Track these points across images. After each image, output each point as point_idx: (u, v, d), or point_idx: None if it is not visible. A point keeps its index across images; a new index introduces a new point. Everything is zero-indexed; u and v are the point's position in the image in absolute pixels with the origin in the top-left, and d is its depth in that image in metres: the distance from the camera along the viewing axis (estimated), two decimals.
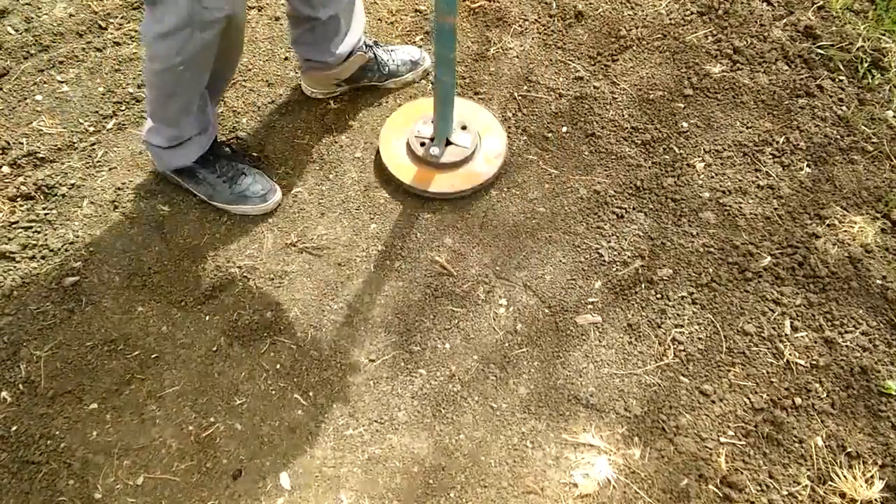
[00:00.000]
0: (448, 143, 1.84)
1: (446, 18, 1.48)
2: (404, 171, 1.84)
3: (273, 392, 1.58)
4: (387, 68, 1.98)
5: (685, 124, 1.95)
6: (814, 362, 1.57)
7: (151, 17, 1.44)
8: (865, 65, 2.00)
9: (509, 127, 1.98)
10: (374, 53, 1.94)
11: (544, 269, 1.74)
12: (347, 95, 2.03)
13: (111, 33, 2.19)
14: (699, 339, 1.62)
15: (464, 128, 1.86)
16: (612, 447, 1.49)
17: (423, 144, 1.84)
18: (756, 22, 2.10)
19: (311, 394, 1.58)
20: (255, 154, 1.93)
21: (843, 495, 1.41)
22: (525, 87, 2.05)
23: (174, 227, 1.81)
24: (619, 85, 2.03)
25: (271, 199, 1.80)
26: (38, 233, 1.79)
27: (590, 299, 1.69)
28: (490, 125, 1.92)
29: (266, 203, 1.80)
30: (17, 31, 2.17)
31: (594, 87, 2.03)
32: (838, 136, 1.89)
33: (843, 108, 1.94)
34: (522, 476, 1.46)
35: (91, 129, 1.98)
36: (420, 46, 2.11)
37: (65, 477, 1.47)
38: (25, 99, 2.03)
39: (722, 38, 2.09)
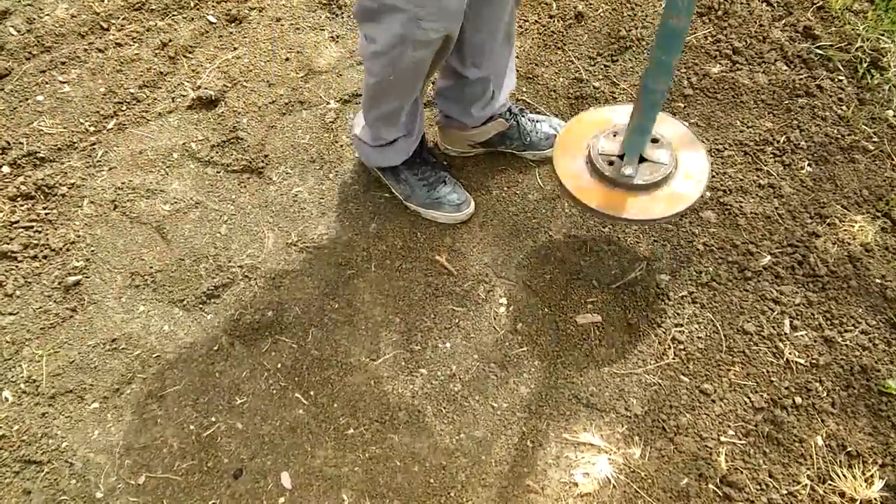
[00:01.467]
0: (641, 159, 1.54)
1: (674, 18, 1.25)
2: (589, 194, 1.54)
3: (274, 391, 1.58)
4: (528, 139, 1.85)
5: (686, 124, 1.95)
6: (814, 361, 1.57)
7: (365, 36, 1.40)
8: (865, 65, 2.00)
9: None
10: (517, 121, 1.83)
11: (544, 268, 1.74)
12: None
13: (113, 34, 2.20)
14: (699, 338, 1.63)
15: (655, 141, 1.55)
16: (612, 446, 1.49)
17: (610, 163, 1.54)
18: (755, 22, 2.11)
19: (312, 393, 1.58)
20: (448, 165, 1.90)
21: (842, 495, 1.41)
22: (525, 88, 2.05)
23: (175, 226, 1.81)
24: (619, 85, 2.03)
25: (464, 210, 1.78)
26: (39, 232, 1.79)
27: (590, 299, 1.69)
28: (685, 138, 1.60)
29: (459, 213, 1.78)
30: (18, 31, 2.18)
31: (594, 87, 2.03)
32: (839, 136, 1.89)
33: (843, 107, 1.94)
34: (523, 475, 1.46)
35: (91, 129, 1.99)
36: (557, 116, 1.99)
37: (66, 476, 1.47)
38: (27, 99, 2.04)
39: (721, 38, 2.09)
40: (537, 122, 1.88)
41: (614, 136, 1.56)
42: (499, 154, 1.92)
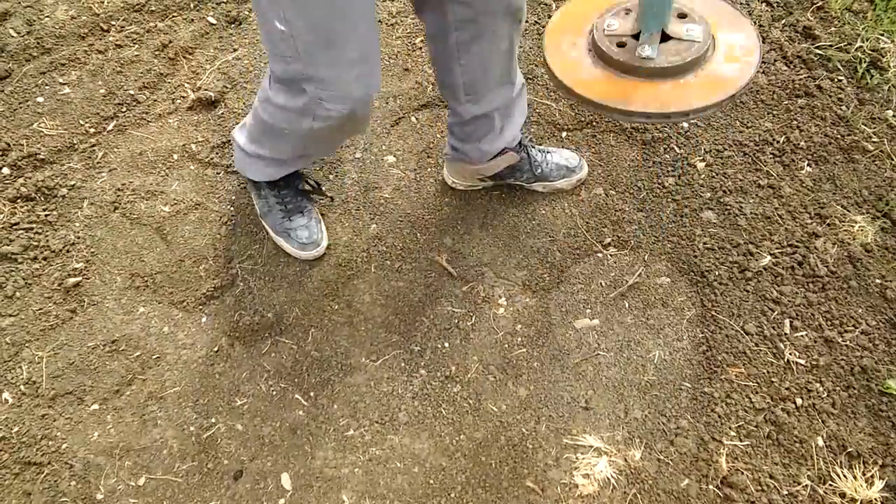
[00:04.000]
0: (665, 37, 1.15)
1: None
2: (595, 87, 1.15)
3: (274, 393, 1.58)
4: (539, 170, 1.79)
5: (685, 124, 1.95)
6: (814, 362, 1.57)
7: (276, 85, 1.35)
8: (864, 65, 2.00)
9: None
10: (528, 153, 1.77)
11: (544, 270, 1.74)
12: None
13: (113, 35, 2.20)
14: (699, 338, 1.62)
15: (683, 16, 1.17)
16: (612, 448, 1.49)
17: (621, 45, 1.16)
18: (755, 22, 2.11)
19: (311, 394, 1.58)
20: (328, 200, 1.85)
21: (843, 495, 1.41)
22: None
23: (175, 227, 1.82)
24: None
25: (308, 251, 1.73)
26: (39, 234, 1.79)
27: (590, 299, 1.69)
28: (724, 12, 1.22)
29: (302, 252, 1.73)
30: (18, 33, 2.18)
31: None
32: (838, 136, 1.89)
33: (843, 107, 1.94)
34: (523, 476, 1.46)
35: (91, 130, 1.99)
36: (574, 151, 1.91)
37: (66, 478, 1.47)
38: (26, 101, 2.04)
39: None
40: (548, 153, 1.82)
41: (626, 13, 1.18)
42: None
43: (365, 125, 1.44)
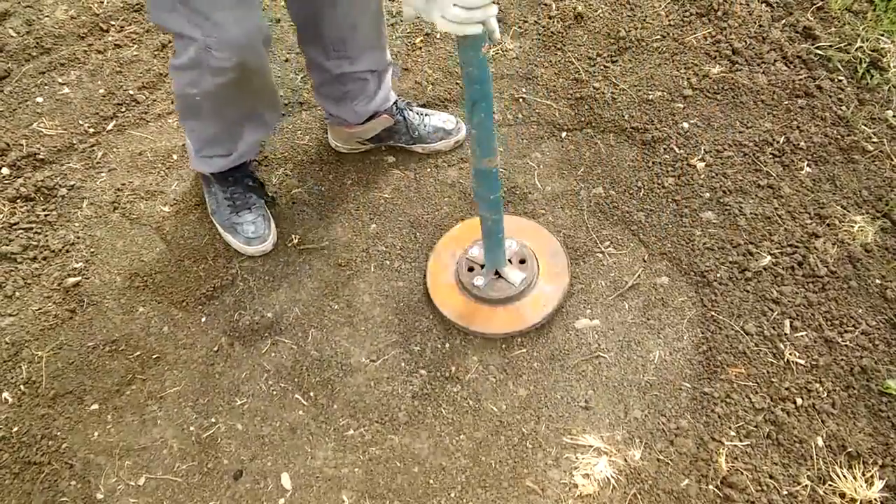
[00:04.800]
0: (498, 275, 1.61)
1: (485, 162, 1.31)
2: (446, 296, 1.63)
3: (274, 392, 1.58)
4: (416, 132, 1.87)
5: (685, 124, 1.95)
6: (814, 362, 1.57)
7: (175, 48, 1.45)
8: (864, 65, 2.00)
9: (509, 126, 1.98)
10: (404, 116, 1.85)
11: None
12: None
13: (112, 35, 2.20)
14: (699, 338, 1.62)
15: (522, 262, 1.62)
16: (612, 448, 1.49)
17: (471, 269, 1.63)
18: (755, 23, 2.11)
19: (311, 394, 1.58)
20: (276, 201, 1.87)
21: (843, 495, 1.41)
22: (525, 89, 2.05)
23: (174, 227, 1.81)
24: (618, 86, 2.04)
25: (255, 246, 1.75)
26: (39, 234, 1.79)
27: (590, 299, 1.69)
28: (556, 267, 1.67)
29: (248, 247, 1.75)
30: (18, 33, 2.18)
31: (594, 87, 2.03)
32: (838, 136, 1.89)
33: (843, 108, 1.94)
34: (522, 476, 1.46)
35: (91, 130, 1.99)
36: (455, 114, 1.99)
37: (66, 478, 1.47)
38: (26, 101, 2.04)
39: (721, 39, 2.09)
40: (426, 115, 1.90)
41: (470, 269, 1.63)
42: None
43: (265, 80, 1.51)
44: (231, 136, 1.64)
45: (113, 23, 2.22)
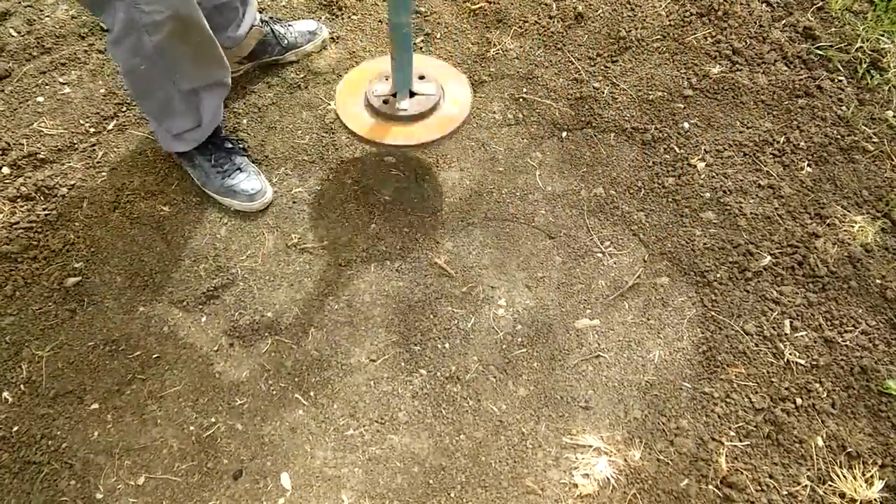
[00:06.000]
0: (412, 94, 1.74)
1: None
2: (373, 131, 1.70)
3: (274, 392, 1.58)
4: (285, 40, 2.03)
5: (686, 124, 1.95)
6: (814, 362, 1.57)
7: (105, 26, 1.49)
8: (864, 65, 2.00)
9: (509, 126, 1.98)
10: (271, 28, 2.00)
11: (544, 270, 1.74)
12: None
13: None
14: (700, 339, 1.62)
15: (421, 77, 1.77)
16: (612, 448, 1.49)
17: (385, 102, 1.73)
18: (755, 23, 2.11)
19: (311, 394, 1.58)
20: (255, 157, 1.94)
21: (842, 495, 1.41)
22: (525, 89, 2.05)
23: (175, 227, 1.81)
24: (619, 86, 2.03)
25: (258, 200, 1.81)
26: (39, 234, 1.79)
27: (590, 300, 1.69)
28: (447, 72, 1.83)
29: (252, 203, 1.81)
30: (19, 33, 2.18)
31: (594, 87, 2.03)
32: (838, 136, 1.89)
33: (843, 108, 1.94)
34: (522, 476, 1.46)
35: (91, 129, 1.99)
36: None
37: (66, 477, 1.47)
38: (27, 100, 2.04)
39: (721, 39, 2.09)
40: (289, 24, 2.06)
41: (386, 79, 1.75)
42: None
43: (202, 32, 1.55)
44: (190, 105, 1.68)
45: None
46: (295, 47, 2.06)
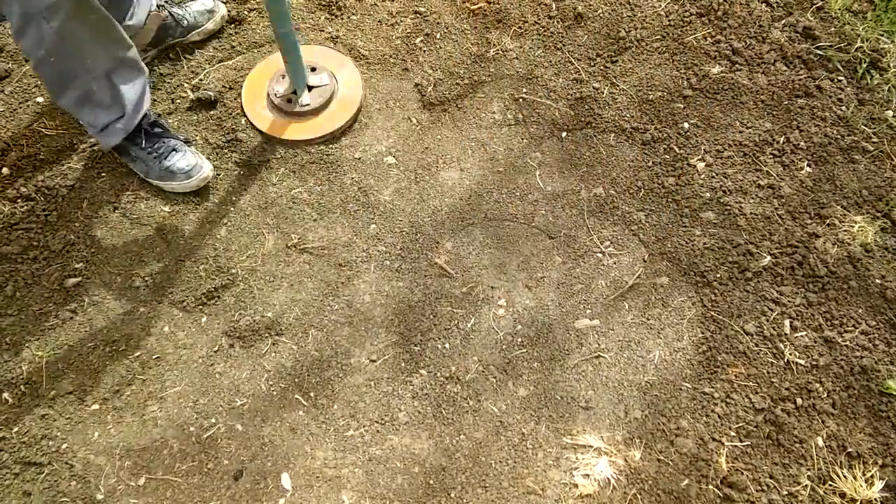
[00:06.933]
0: (310, 88, 1.91)
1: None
2: (286, 130, 1.88)
3: (274, 392, 1.58)
4: (185, 21, 2.04)
5: (685, 124, 1.95)
6: (814, 362, 1.57)
7: (7, 24, 1.54)
8: (864, 65, 2.00)
9: (509, 126, 1.98)
10: (169, 11, 2.02)
11: (544, 270, 1.74)
12: None
13: None
14: (700, 339, 1.62)
15: (313, 69, 1.92)
16: (612, 448, 1.49)
17: (289, 101, 1.89)
18: (755, 23, 2.11)
19: (311, 394, 1.58)
20: (184, 138, 1.93)
21: (843, 495, 1.41)
22: (525, 89, 2.05)
23: (175, 227, 1.81)
24: (618, 86, 2.03)
25: (196, 176, 1.81)
26: (39, 234, 1.79)
27: (590, 300, 1.69)
28: (333, 58, 2.00)
29: (191, 180, 1.81)
30: None
31: (594, 88, 2.03)
32: (838, 136, 1.89)
33: (843, 108, 1.94)
34: (523, 476, 1.46)
35: None
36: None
37: (67, 478, 1.47)
38: (26, 101, 2.03)
39: (721, 39, 2.09)
40: (186, 5, 2.07)
41: (283, 77, 1.91)
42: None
43: (98, 13, 1.57)
44: (109, 94, 1.71)
45: None
46: (196, 27, 2.09)
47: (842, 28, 2.09)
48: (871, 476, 1.42)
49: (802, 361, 1.57)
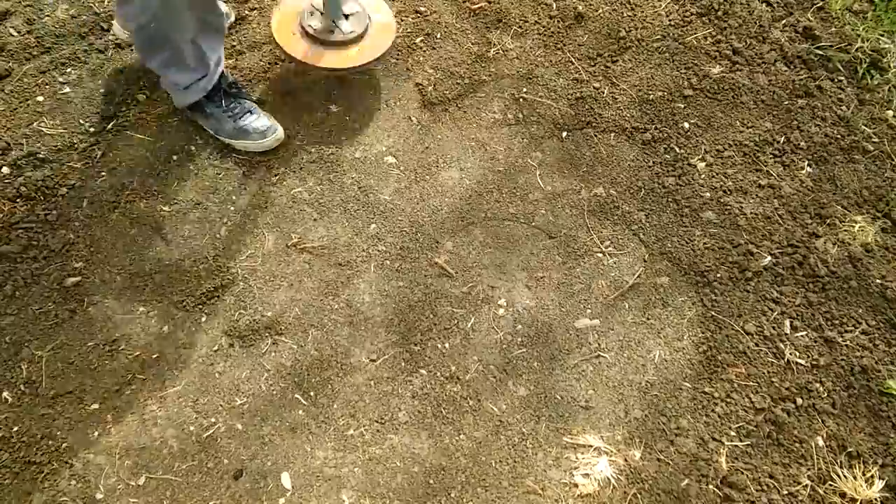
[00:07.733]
0: (346, 16, 1.92)
1: None
2: (330, 60, 1.88)
3: (274, 392, 1.58)
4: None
5: (686, 124, 1.95)
6: (814, 362, 1.57)
7: None
8: (864, 65, 2.00)
9: (509, 126, 1.98)
10: None
11: (544, 270, 1.74)
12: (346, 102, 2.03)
13: (113, 35, 2.19)
14: (700, 339, 1.62)
15: (348, 17, 1.94)
16: (612, 448, 1.49)
17: (331, 31, 1.89)
18: (755, 23, 2.11)
19: (311, 394, 1.58)
20: (259, 98, 2.00)
21: (843, 495, 1.41)
22: (525, 89, 2.05)
23: (175, 227, 1.81)
24: (619, 86, 2.03)
25: (270, 136, 1.88)
26: (39, 234, 1.79)
27: (590, 300, 1.69)
28: (384, 21, 2.00)
29: (265, 140, 1.88)
30: (19, 32, 2.18)
31: (594, 87, 2.03)
32: (839, 136, 1.89)
33: (843, 108, 1.94)
34: (523, 476, 1.46)
35: (91, 129, 1.98)
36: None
37: (66, 477, 1.47)
38: (27, 100, 2.03)
39: (721, 39, 2.09)
40: None
41: (311, 14, 1.91)
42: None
43: None
44: (195, 56, 1.76)
45: (114, 22, 2.21)
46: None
47: (842, 28, 2.09)
48: (871, 476, 1.42)
49: (802, 361, 1.57)
